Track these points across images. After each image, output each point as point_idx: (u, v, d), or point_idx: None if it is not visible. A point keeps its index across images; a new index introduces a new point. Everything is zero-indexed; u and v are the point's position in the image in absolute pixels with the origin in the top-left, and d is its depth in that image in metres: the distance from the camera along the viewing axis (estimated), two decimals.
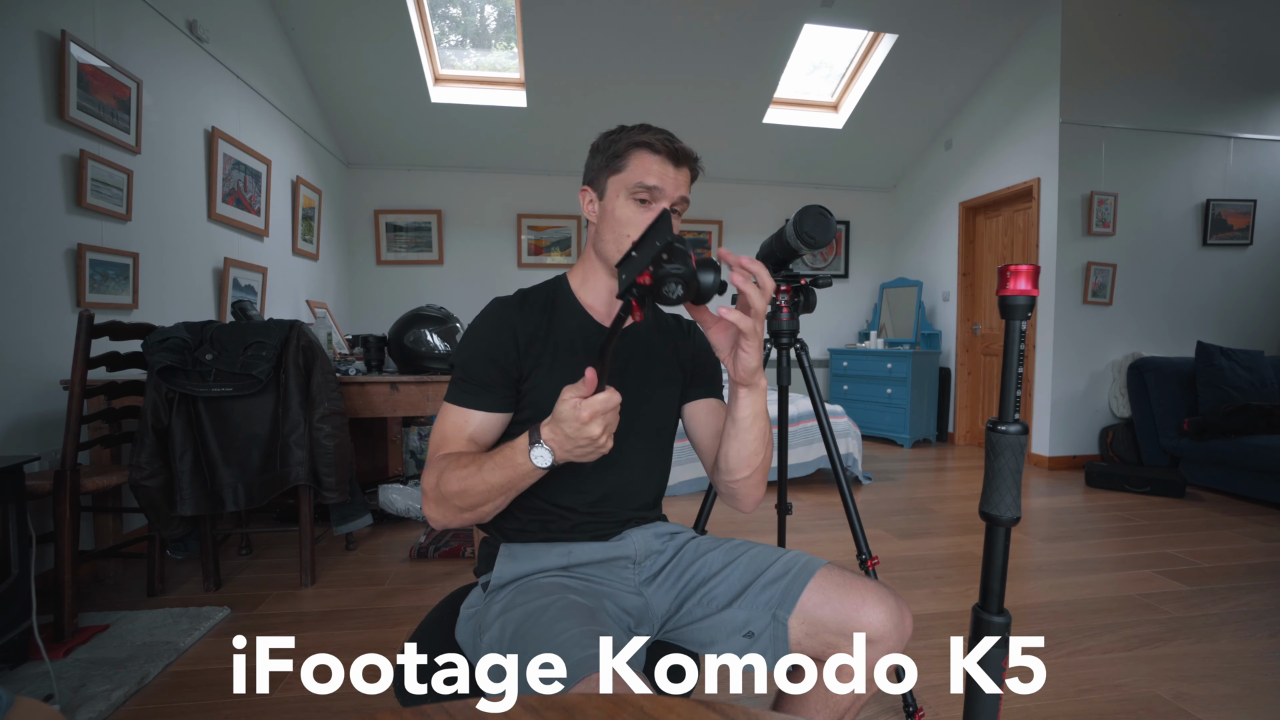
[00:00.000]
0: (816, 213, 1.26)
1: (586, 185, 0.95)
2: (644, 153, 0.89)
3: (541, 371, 0.90)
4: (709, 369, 1.05)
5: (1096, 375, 4.13)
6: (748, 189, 5.55)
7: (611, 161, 0.90)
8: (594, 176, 0.93)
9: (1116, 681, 1.56)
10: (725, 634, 0.86)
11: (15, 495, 1.55)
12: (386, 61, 4.09)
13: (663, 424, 0.99)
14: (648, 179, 0.87)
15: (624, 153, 0.89)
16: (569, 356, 0.91)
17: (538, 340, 0.91)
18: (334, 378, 2.16)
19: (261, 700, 1.47)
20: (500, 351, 0.88)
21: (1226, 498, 3.39)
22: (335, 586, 2.17)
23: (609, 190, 0.90)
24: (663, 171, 0.88)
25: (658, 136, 0.89)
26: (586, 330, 0.94)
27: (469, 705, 0.49)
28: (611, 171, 0.90)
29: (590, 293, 0.97)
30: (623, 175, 0.89)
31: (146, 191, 2.63)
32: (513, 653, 0.72)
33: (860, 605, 0.81)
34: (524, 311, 0.92)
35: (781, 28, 4.04)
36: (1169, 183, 4.15)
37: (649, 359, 0.98)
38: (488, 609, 0.84)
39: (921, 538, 2.67)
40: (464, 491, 0.77)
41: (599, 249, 0.93)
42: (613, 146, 0.90)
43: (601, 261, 0.93)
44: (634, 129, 0.91)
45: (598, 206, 0.93)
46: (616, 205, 0.89)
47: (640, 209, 0.88)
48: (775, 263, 1.43)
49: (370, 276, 5.13)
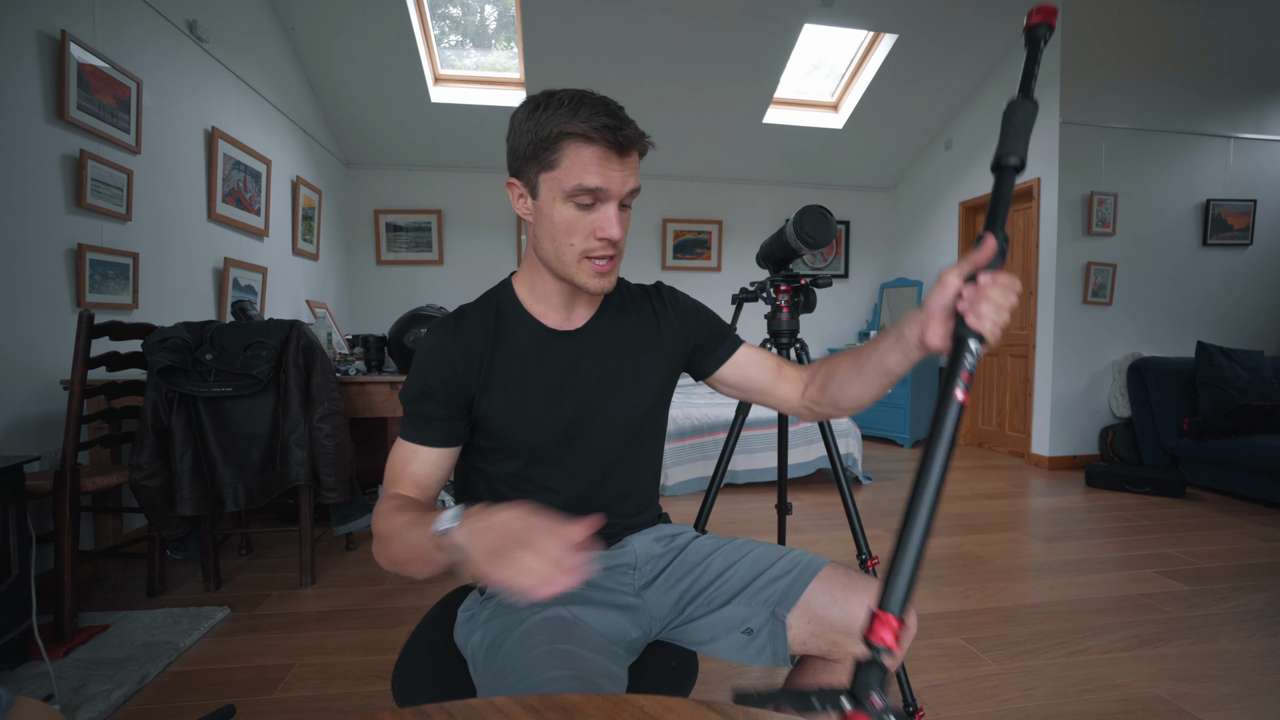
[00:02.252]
0: (816, 213, 1.26)
1: (514, 177, 0.79)
2: (579, 145, 0.71)
3: (492, 393, 0.82)
4: (710, 329, 0.95)
5: (1096, 375, 4.13)
6: (748, 189, 5.55)
7: (540, 153, 0.73)
8: (521, 167, 0.76)
9: (1116, 681, 1.56)
10: (724, 630, 0.85)
11: (15, 495, 1.55)
12: (386, 61, 4.09)
13: (643, 425, 0.91)
14: (587, 179, 0.71)
15: (553, 144, 0.71)
16: (520, 371, 0.83)
17: (483, 360, 0.82)
18: (334, 378, 2.16)
19: (262, 700, 1.47)
20: (438, 382, 0.80)
21: (1226, 498, 3.39)
22: (335, 586, 2.17)
23: (542, 189, 0.75)
24: (605, 168, 0.72)
25: (594, 121, 0.70)
26: (538, 340, 0.85)
27: (469, 705, 0.49)
28: (541, 166, 0.73)
29: (538, 299, 0.86)
30: (555, 174, 0.73)
31: (146, 191, 2.63)
32: (488, 665, 0.73)
33: (865, 603, 0.80)
34: (462, 333, 0.83)
35: (781, 28, 4.04)
36: (1169, 183, 4.15)
37: (618, 360, 0.88)
38: (480, 612, 0.83)
39: None
40: (389, 542, 0.70)
41: (540, 254, 0.80)
42: (540, 132, 0.72)
43: (546, 267, 0.81)
44: (561, 104, 0.72)
45: (530, 204, 0.78)
46: (554, 209, 0.74)
47: (585, 213, 0.74)
48: (775, 263, 1.43)
49: (370, 276, 5.13)
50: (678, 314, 0.94)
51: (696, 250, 5.51)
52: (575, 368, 0.86)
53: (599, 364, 0.87)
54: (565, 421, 0.84)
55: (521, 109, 0.75)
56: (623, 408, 0.88)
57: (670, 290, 0.96)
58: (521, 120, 0.75)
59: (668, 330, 0.92)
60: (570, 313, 0.87)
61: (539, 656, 0.69)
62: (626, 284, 0.95)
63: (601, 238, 0.75)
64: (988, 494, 3.43)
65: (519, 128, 0.75)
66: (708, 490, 1.47)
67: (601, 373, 0.87)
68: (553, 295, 0.85)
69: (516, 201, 0.80)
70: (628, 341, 0.90)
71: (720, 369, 0.95)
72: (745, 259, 5.56)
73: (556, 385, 0.84)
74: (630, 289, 0.95)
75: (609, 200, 0.74)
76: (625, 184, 0.74)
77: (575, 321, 0.87)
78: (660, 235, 5.45)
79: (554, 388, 0.84)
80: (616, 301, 0.91)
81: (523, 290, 0.87)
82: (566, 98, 0.72)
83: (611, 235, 0.74)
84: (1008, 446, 4.60)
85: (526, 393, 0.83)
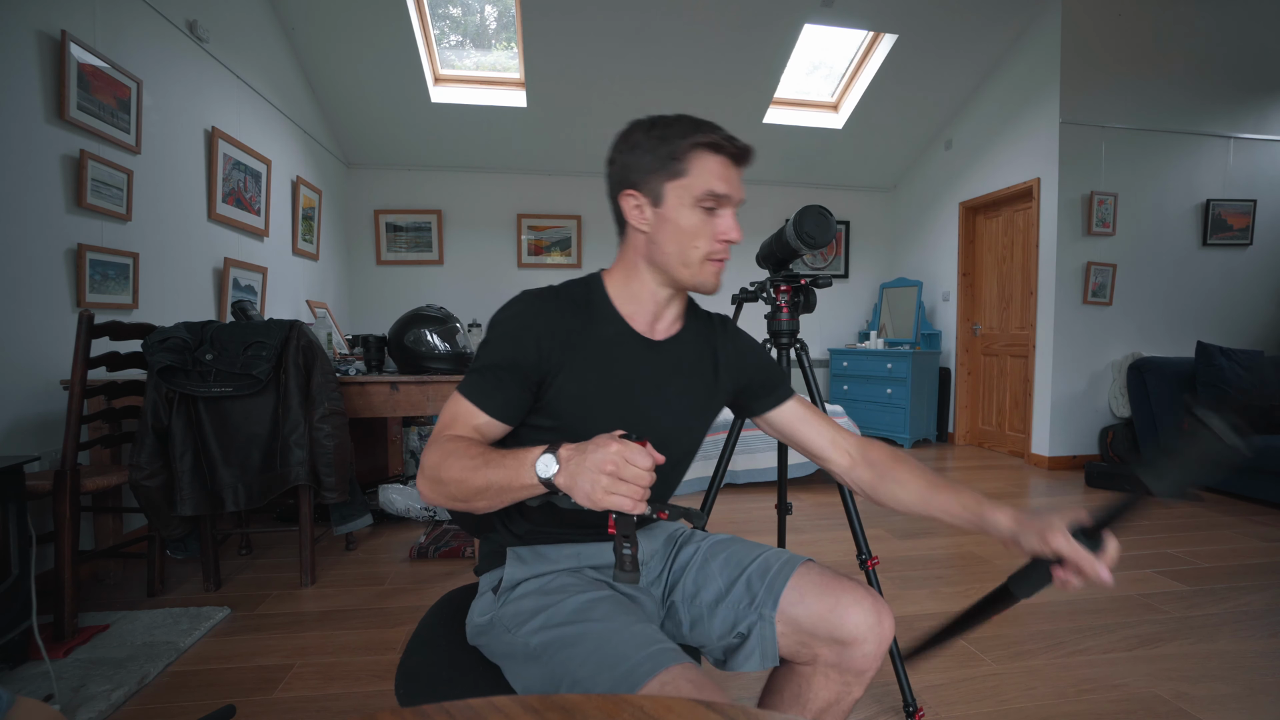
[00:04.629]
0: (816, 213, 1.26)
1: (632, 189, 0.83)
2: (707, 155, 0.80)
3: (566, 374, 0.82)
4: (763, 373, 0.98)
5: (1096, 375, 4.13)
6: (748, 189, 5.45)
7: (667, 164, 0.80)
8: (642, 178, 0.82)
9: (1116, 681, 1.56)
10: (716, 636, 0.85)
11: (15, 495, 1.55)
12: (386, 61, 4.09)
13: (687, 449, 0.94)
14: (716, 185, 0.80)
15: (683, 155, 0.80)
16: (600, 364, 0.84)
17: (568, 342, 0.83)
18: (334, 378, 2.16)
19: (262, 700, 1.47)
20: (521, 353, 0.80)
21: (1226, 498, 3.39)
22: (335, 586, 2.17)
23: (668, 197, 0.81)
24: (727, 175, 0.81)
25: (719, 135, 0.80)
26: (624, 339, 0.87)
27: (469, 705, 0.49)
28: (669, 175, 0.80)
29: (630, 300, 0.88)
30: (685, 181, 0.80)
31: (146, 191, 2.63)
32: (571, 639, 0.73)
33: (835, 606, 0.79)
34: (555, 309, 0.84)
35: (781, 28, 4.04)
36: (1169, 183, 4.15)
37: (685, 382, 0.91)
38: (513, 607, 0.81)
39: (921, 538, 2.67)
40: (461, 482, 0.73)
41: (656, 258, 0.84)
42: (666, 146, 0.80)
43: (653, 270, 0.86)
44: (683, 123, 0.81)
45: (649, 213, 0.83)
46: (681, 214, 0.81)
47: (707, 217, 0.81)
48: (775, 263, 1.43)
49: (370, 276, 5.13)
50: (736, 351, 0.97)
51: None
52: (649, 376, 0.87)
53: (670, 380, 0.89)
54: (625, 425, 0.82)
55: (636, 130, 0.83)
56: (677, 427, 0.90)
57: (734, 328, 0.99)
58: (640, 137, 0.82)
59: (725, 366, 0.95)
60: (657, 321, 0.89)
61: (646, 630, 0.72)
62: (702, 309, 0.98)
63: (723, 240, 0.82)
64: (988, 494, 3.41)
65: (639, 143, 0.82)
66: (708, 490, 1.47)
67: (670, 389, 0.89)
68: (647, 301, 0.88)
69: (631, 211, 0.84)
70: (696, 367, 0.92)
71: (766, 414, 0.98)
72: (745, 259, 5.55)
73: (628, 387, 0.86)
74: (704, 314, 0.98)
75: (730, 205, 0.82)
76: (740, 191, 0.84)
77: (659, 332, 0.90)
78: None
79: (625, 389, 0.85)
80: (693, 324, 0.94)
81: (615, 290, 0.89)
82: (681, 117, 0.82)
83: (734, 238, 0.82)
84: (1008, 446, 4.60)
85: (600, 387, 0.84)
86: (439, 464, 0.75)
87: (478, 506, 0.74)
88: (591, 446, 0.65)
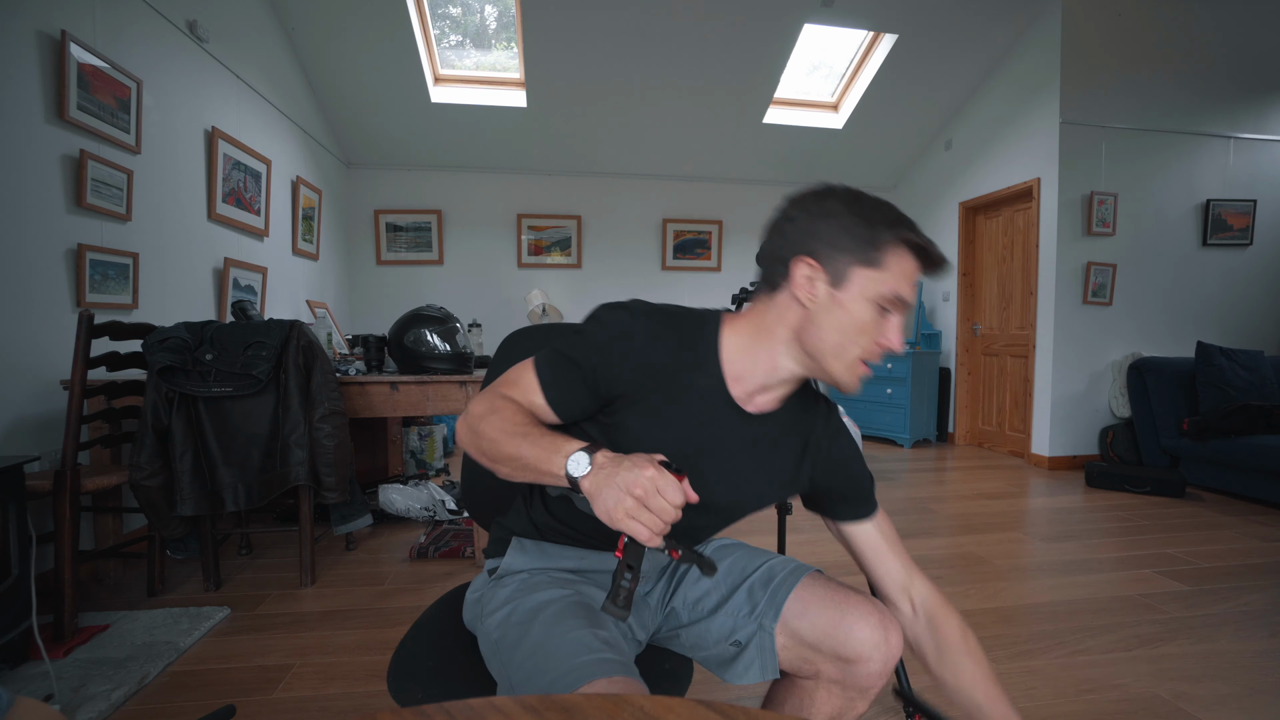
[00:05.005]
0: None
1: (812, 258, 0.74)
2: (907, 256, 0.74)
3: (638, 410, 0.77)
4: (852, 486, 0.88)
5: (1096, 375, 4.13)
6: (748, 189, 5.55)
7: (865, 250, 0.72)
8: (830, 255, 0.74)
9: (1116, 681, 1.56)
10: (713, 641, 0.84)
11: (15, 495, 1.55)
12: (386, 61, 4.09)
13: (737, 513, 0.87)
14: (904, 290, 0.73)
15: (884, 245, 0.72)
16: (676, 414, 0.78)
17: (657, 377, 0.77)
18: (334, 378, 2.16)
19: (262, 700, 1.47)
20: (605, 367, 0.76)
21: (1226, 498, 3.39)
22: (335, 586, 2.17)
23: (853, 283, 0.73)
24: (913, 284, 0.75)
25: (924, 238, 0.74)
26: (715, 398, 0.79)
27: (469, 705, 0.49)
28: (862, 262, 0.73)
29: (744, 362, 0.79)
30: (877, 274, 0.72)
31: (146, 191, 2.63)
32: (517, 642, 0.72)
33: (840, 621, 0.77)
34: (660, 338, 0.77)
35: (781, 28, 4.04)
36: (1169, 183, 4.15)
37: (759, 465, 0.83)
38: (494, 592, 0.83)
39: (921, 538, 2.67)
40: (495, 442, 0.72)
41: (808, 338, 0.75)
42: (868, 230, 0.72)
43: (794, 348, 0.77)
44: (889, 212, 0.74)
45: (822, 290, 0.74)
46: (857, 306, 0.73)
47: (882, 317, 0.74)
48: None
49: (370, 276, 5.13)
50: (832, 450, 0.88)
51: (696, 250, 5.52)
52: (723, 445, 0.81)
53: (744, 455, 0.82)
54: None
55: (832, 197, 0.75)
56: (733, 502, 0.84)
57: (838, 422, 0.90)
58: (839, 207, 0.74)
59: (812, 460, 0.87)
60: (761, 394, 0.81)
61: (583, 637, 0.69)
62: (811, 388, 0.90)
63: (885, 346, 0.75)
64: (988, 494, 3.43)
65: (836, 213, 0.74)
66: None
67: (741, 463, 0.82)
68: (764, 372, 0.79)
69: (801, 281, 0.75)
70: (779, 451, 0.85)
71: (840, 523, 0.91)
72: (745, 259, 5.56)
73: (695, 448, 0.79)
74: (811, 395, 0.89)
75: (903, 312, 0.75)
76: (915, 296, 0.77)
77: (756, 405, 0.81)
78: (660, 235, 5.45)
79: (691, 448, 0.79)
80: (795, 403, 0.85)
81: (730, 343, 0.80)
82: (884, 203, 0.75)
83: (895, 347, 0.76)
84: (1008, 446, 4.60)
85: (664, 436, 0.78)
86: (482, 416, 0.74)
87: (501, 471, 0.73)
88: (628, 463, 0.62)
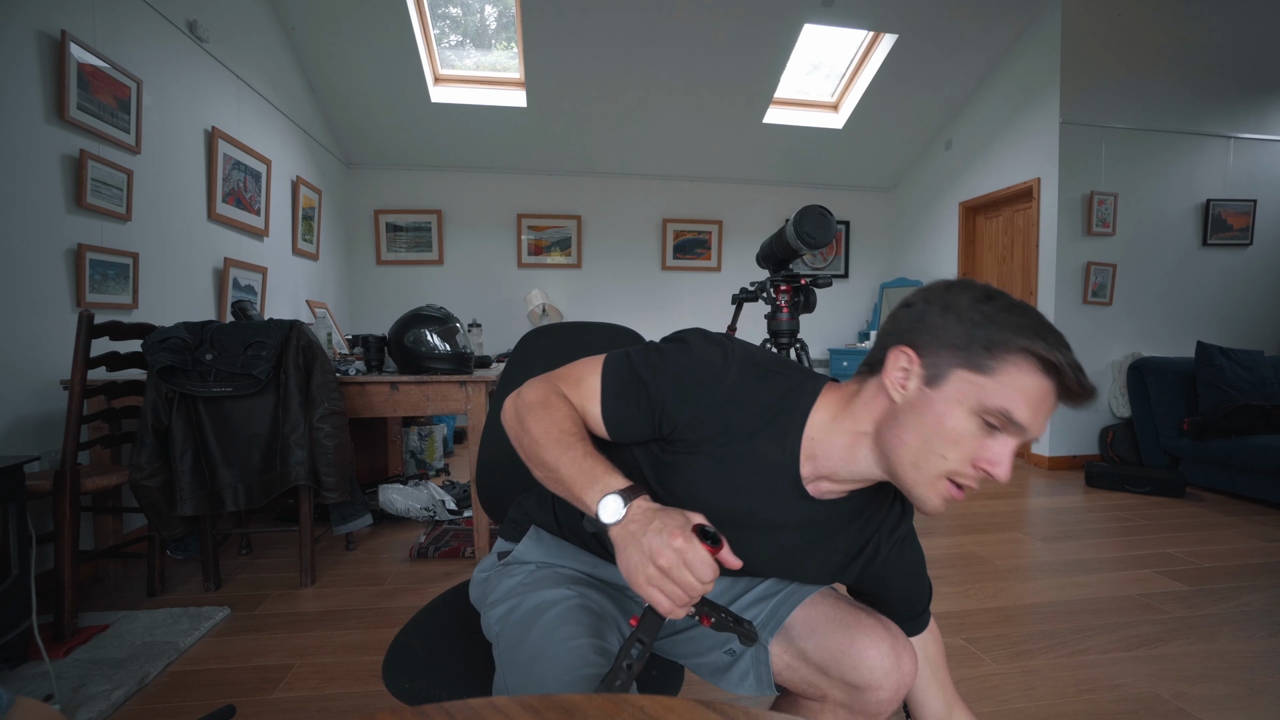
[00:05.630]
0: (816, 213, 1.26)
1: (911, 349, 0.65)
2: (1032, 372, 0.60)
3: (697, 462, 0.71)
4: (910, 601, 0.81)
5: (1096, 375, 4.12)
6: (748, 189, 5.55)
7: (974, 349, 0.61)
8: (933, 349, 0.64)
9: (1116, 681, 1.56)
10: (706, 648, 0.81)
11: (15, 495, 1.55)
12: (386, 61, 4.09)
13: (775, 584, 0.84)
14: (1018, 411, 0.60)
15: (1001, 352, 0.60)
16: (734, 478, 0.71)
17: (730, 434, 0.70)
18: (334, 378, 2.16)
19: (261, 700, 1.47)
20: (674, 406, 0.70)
21: (1226, 498, 3.39)
22: (335, 586, 2.17)
23: (952, 384, 0.62)
24: (1040, 408, 0.60)
25: (1062, 355, 0.59)
26: (780, 472, 0.71)
27: (469, 705, 0.49)
28: (968, 365, 0.61)
29: (823, 443, 0.70)
30: (984, 382, 0.61)
31: (146, 191, 2.63)
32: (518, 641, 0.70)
33: (850, 645, 0.72)
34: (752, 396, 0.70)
35: (781, 28, 4.03)
36: (1169, 183, 4.15)
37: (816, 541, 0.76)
38: (499, 580, 0.81)
39: (921, 538, 2.67)
40: (536, 442, 0.67)
41: (885, 437, 0.66)
42: (988, 330, 0.61)
43: (879, 451, 0.67)
44: (1027, 318, 0.61)
45: (915, 387, 0.64)
46: (952, 413, 0.62)
47: (981, 436, 0.61)
48: (775, 263, 1.43)
49: (370, 276, 5.13)
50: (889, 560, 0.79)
51: (696, 250, 5.51)
52: (774, 520, 0.73)
53: (793, 536, 0.75)
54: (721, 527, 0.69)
55: (966, 292, 0.65)
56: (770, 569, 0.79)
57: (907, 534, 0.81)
58: (963, 302, 0.64)
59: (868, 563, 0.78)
60: (830, 482, 0.72)
61: (581, 648, 0.67)
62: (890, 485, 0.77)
63: (983, 468, 0.62)
64: (988, 494, 3.43)
65: (958, 308, 0.64)
66: None
67: (787, 545, 0.75)
68: (840, 460, 0.70)
69: (894, 371, 0.65)
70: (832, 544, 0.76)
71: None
72: (745, 259, 5.56)
73: (744, 518, 0.72)
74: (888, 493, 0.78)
75: (1017, 437, 0.62)
76: (1042, 428, 0.61)
77: (819, 489, 0.73)
78: (660, 235, 5.45)
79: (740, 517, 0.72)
80: (867, 497, 0.76)
81: (818, 418, 0.71)
82: (1026, 308, 0.63)
83: (1000, 475, 0.62)
84: None
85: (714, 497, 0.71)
86: (532, 409, 0.69)
87: (535, 473, 0.69)
88: (657, 524, 0.57)
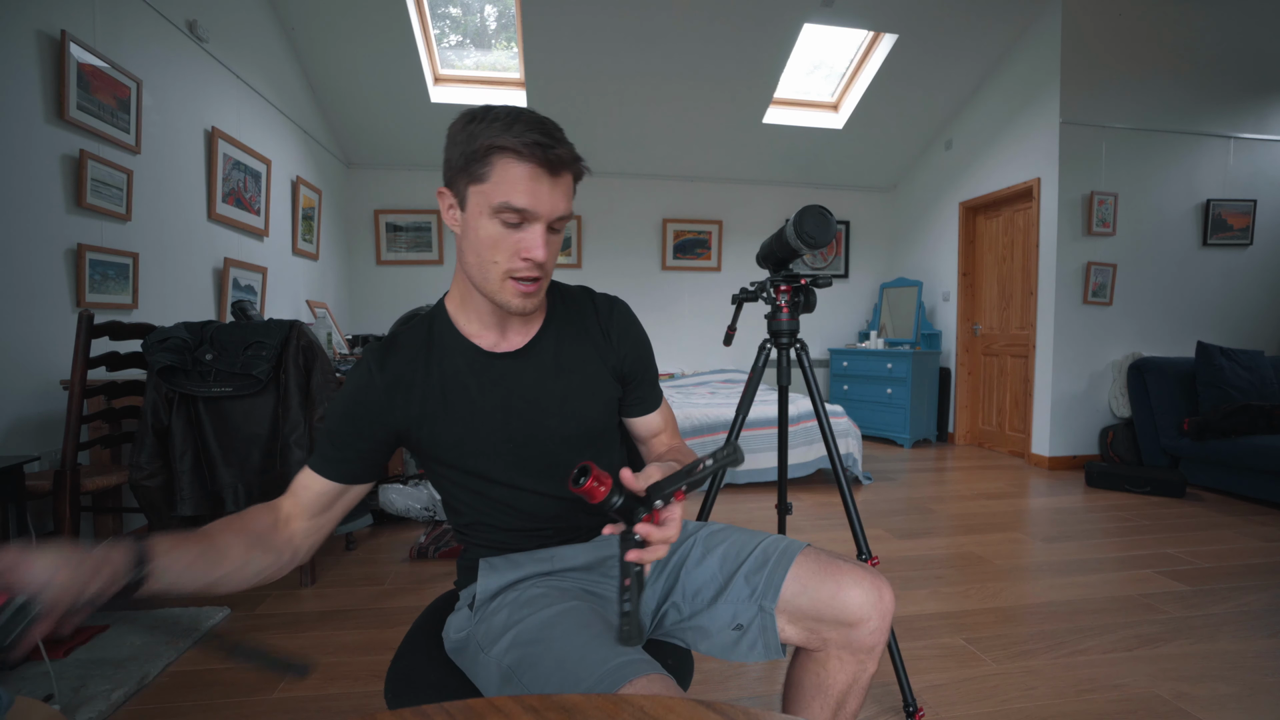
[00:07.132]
0: (816, 213, 1.26)
1: (445, 187, 0.77)
2: (509, 160, 0.70)
3: (433, 421, 0.80)
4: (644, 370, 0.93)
5: (1096, 375, 4.13)
6: (748, 189, 5.55)
7: (470, 165, 0.71)
8: (451, 177, 0.75)
9: (1116, 681, 1.56)
10: (715, 630, 0.85)
11: (15, 495, 1.55)
12: (386, 61, 4.09)
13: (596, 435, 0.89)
14: (515, 198, 0.70)
15: (484, 156, 0.70)
16: (460, 399, 0.81)
17: (416, 390, 0.80)
18: (334, 378, 2.16)
19: (261, 700, 1.47)
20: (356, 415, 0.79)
21: (1226, 498, 3.39)
22: (335, 586, 2.17)
23: (470, 202, 0.73)
24: (534, 188, 0.70)
25: (527, 137, 0.69)
26: (475, 364, 0.82)
27: (468, 705, 0.49)
28: (471, 179, 0.72)
29: (472, 319, 0.83)
30: (484, 188, 0.71)
31: (146, 191, 2.63)
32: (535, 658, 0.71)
33: (837, 590, 0.80)
34: (391, 365, 0.80)
35: (781, 28, 4.03)
36: (1169, 183, 4.15)
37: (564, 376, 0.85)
38: (487, 623, 0.80)
39: (921, 538, 2.67)
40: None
41: (465, 269, 0.78)
42: (470, 143, 0.71)
43: (472, 283, 0.78)
44: (497, 119, 0.70)
45: (459, 216, 0.76)
46: (480, 224, 0.73)
47: (511, 231, 0.72)
48: (775, 263, 1.43)
49: (370, 276, 5.13)
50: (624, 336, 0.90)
51: (696, 250, 5.51)
52: (516, 389, 0.83)
53: (542, 382, 0.84)
54: (514, 444, 0.83)
55: (459, 120, 0.74)
56: (572, 421, 0.85)
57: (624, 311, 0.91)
58: (457, 130, 0.73)
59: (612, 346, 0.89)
60: (505, 332, 0.84)
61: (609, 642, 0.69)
62: (567, 289, 0.92)
63: (526, 258, 0.73)
64: (988, 494, 3.43)
65: (454, 137, 0.74)
66: (708, 490, 1.47)
67: (546, 390, 0.84)
68: (486, 314, 0.82)
69: (446, 212, 0.77)
70: (573, 354, 0.86)
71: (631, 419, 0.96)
72: (745, 259, 5.56)
73: (499, 409, 0.82)
74: (572, 294, 0.91)
75: (535, 221, 0.72)
76: (555, 207, 0.72)
77: (513, 341, 0.84)
78: (660, 235, 5.45)
79: (496, 412, 0.82)
80: (559, 313, 0.88)
81: (455, 310, 0.84)
82: (503, 112, 0.71)
83: (535, 257, 0.72)
84: (1008, 446, 4.60)
85: (469, 420, 0.81)
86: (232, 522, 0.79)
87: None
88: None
